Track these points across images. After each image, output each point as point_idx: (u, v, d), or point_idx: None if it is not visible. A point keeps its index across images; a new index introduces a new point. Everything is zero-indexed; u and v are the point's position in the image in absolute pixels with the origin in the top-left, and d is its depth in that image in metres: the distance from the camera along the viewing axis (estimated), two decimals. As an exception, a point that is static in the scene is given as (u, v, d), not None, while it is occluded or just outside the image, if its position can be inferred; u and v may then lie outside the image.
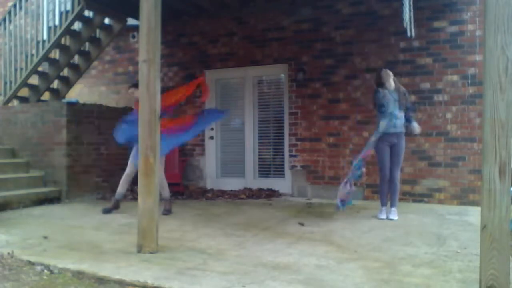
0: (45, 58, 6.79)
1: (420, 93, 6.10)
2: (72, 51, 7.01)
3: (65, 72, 7.43)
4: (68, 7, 6.60)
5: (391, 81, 4.90)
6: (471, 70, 5.89)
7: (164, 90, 5.19)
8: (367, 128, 6.27)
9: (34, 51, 6.86)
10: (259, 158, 7.34)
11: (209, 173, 7.56)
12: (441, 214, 5.13)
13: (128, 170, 5.26)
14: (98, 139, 6.65)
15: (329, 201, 6.26)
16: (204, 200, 6.51)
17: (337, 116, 6.60)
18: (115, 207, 5.34)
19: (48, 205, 5.79)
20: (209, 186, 7.46)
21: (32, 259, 3.18)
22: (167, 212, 5.23)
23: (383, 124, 4.78)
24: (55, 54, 7.11)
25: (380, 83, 4.92)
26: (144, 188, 3.41)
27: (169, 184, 6.61)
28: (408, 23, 4.40)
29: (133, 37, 8.05)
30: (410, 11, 4.42)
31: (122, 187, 5.31)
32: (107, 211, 5.25)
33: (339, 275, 2.86)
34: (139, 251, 3.38)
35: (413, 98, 5.88)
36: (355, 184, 5.06)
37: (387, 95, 4.83)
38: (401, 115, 4.86)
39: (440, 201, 5.94)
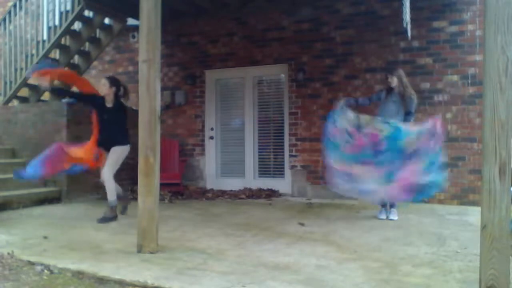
0: (45, 58, 6.78)
1: (420, 93, 6.07)
2: (72, 51, 7.01)
3: (65, 72, 7.43)
4: (68, 7, 6.60)
5: (393, 85, 4.84)
6: (471, 70, 5.89)
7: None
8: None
9: (34, 51, 6.85)
10: (259, 158, 7.34)
11: (209, 173, 7.56)
12: (441, 214, 5.13)
13: None
14: (98, 139, 6.62)
15: (329, 201, 6.26)
16: (204, 200, 6.51)
17: (337, 116, 6.59)
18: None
19: (48, 205, 5.78)
20: (209, 186, 7.46)
21: (32, 259, 3.17)
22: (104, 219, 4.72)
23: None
24: (55, 54, 7.11)
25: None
26: (144, 188, 3.41)
27: (169, 184, 6.67)
28: (408, 25, 4.40)
29: (133, 37, 8.05)
30: (408, 12, 4.42)
31: None
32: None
33: (339, 275, 2.85)
34: (139, 251, 3.38)
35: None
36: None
37: (386, 98, 4.86)
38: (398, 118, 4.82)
39: (440, 201, 5.94)
